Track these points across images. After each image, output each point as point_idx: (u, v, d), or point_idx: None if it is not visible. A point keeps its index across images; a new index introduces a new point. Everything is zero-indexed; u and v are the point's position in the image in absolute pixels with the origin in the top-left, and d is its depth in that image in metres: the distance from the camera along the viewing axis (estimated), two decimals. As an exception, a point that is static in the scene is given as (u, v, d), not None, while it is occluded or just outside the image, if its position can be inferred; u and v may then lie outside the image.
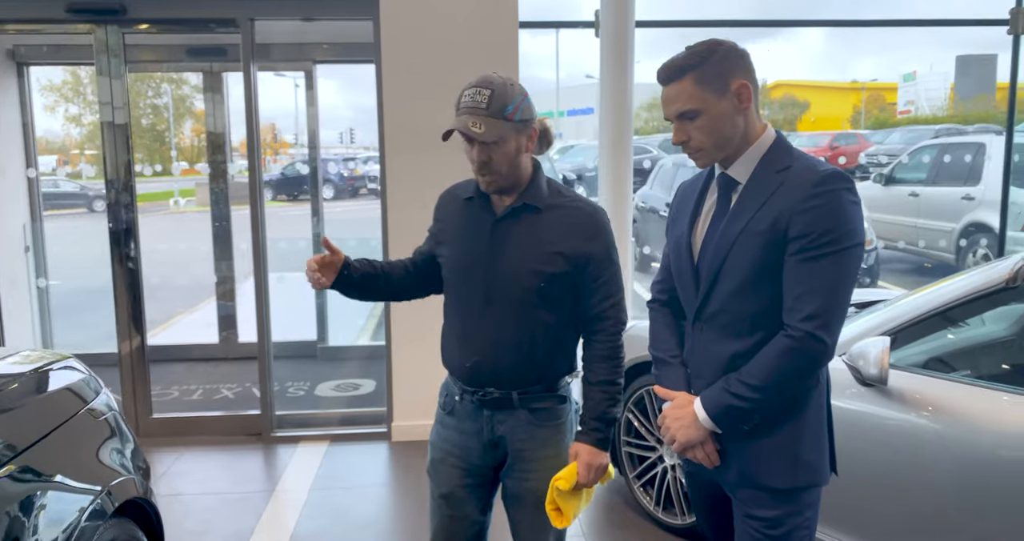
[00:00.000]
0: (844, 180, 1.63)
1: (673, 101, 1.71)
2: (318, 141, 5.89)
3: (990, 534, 2.19)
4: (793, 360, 1.64)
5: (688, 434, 1.75)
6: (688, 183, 1.94)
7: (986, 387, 2.34)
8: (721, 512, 1.91)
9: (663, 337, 1.95)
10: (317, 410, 4.73)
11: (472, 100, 1.82)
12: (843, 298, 1.63)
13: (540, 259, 1.88)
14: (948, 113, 30.48)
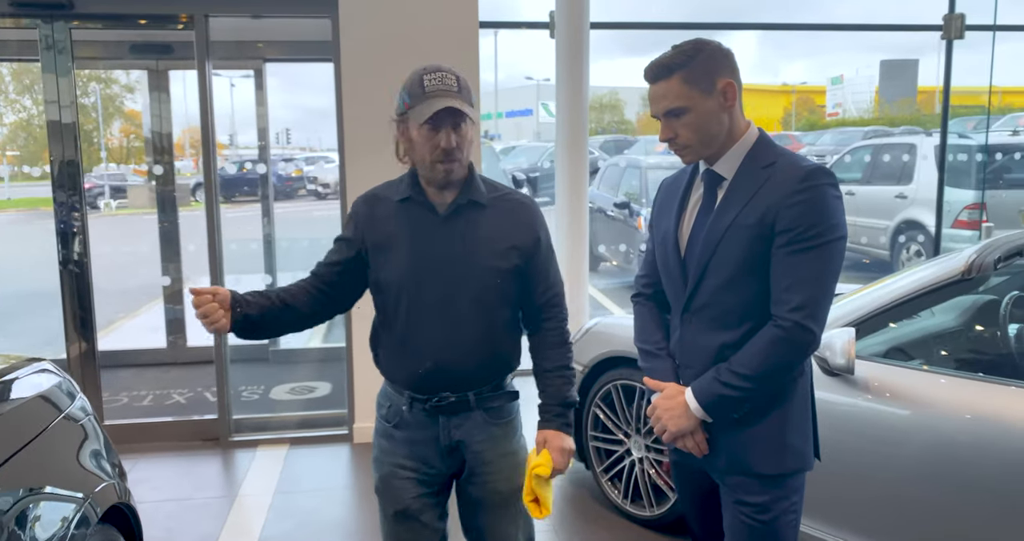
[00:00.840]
0: (828, 176, 1.69)
1: (661, 99, 1.75)
2: (268, 141, 5.80)
3: (956, 516, 2.29)
4: (782, 350, 1.69)
5: (679, 423, 1.79)
6: (671, 180, 1.98)
7: (944, 374, 2.45)
8: (707, 500, 1.96)
9: (649, 330, 1.98)
10: (274, 414, 4.66)
11: (443, 83, 1.77)
12: (828, 289, 1.69)
13: (497, 255, 1.86)
14: (874, 115, 31.57)
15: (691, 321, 1.83)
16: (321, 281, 1.90)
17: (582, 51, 4.63)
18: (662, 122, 1.78)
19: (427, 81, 1.78)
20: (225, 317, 1.75)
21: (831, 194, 1.68)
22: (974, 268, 2.47)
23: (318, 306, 1.91)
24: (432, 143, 1.79)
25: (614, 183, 8.85)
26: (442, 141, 1.78)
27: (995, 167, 8.05)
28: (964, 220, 7.52)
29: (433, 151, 1.79)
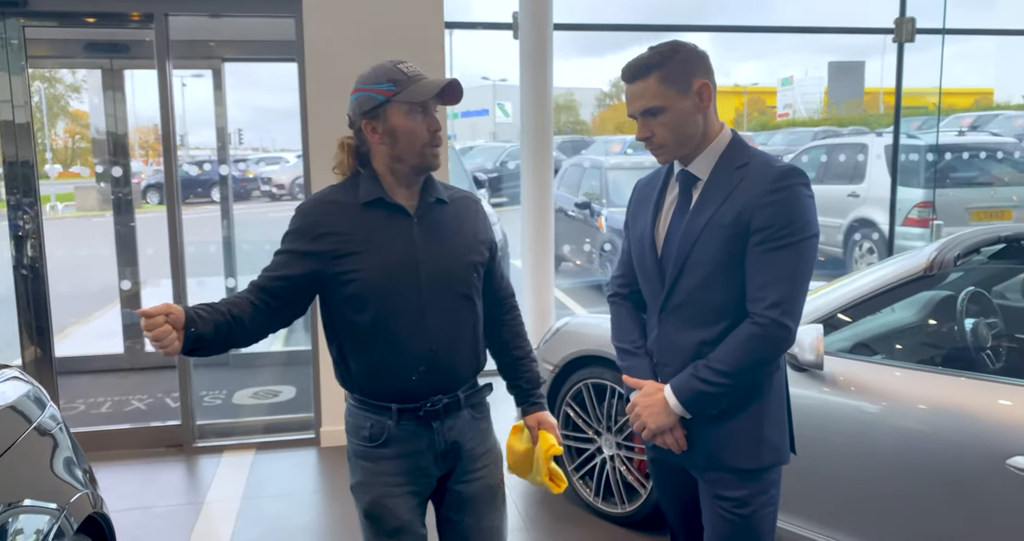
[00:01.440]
0: (800, 176, 1.74)
1: (638, 98, 1.78)
2: (228, 142, 5.71)
3: (920, 505, 2.36)
4: (758, 346, 1.72)
5: (659, 420, 1.82)
6: (645, 181, 2.01)
7: (906, 367, 2.53)
8: (686, 496, 1.99)
9: (627, 329, 2.01)
10: (239, 419, 4.59)
11: (419, 71, 1.79)
12: (803, 286, 1.73)
13: (471, 249, 1.87)
14: (823, 116, 32.25)
15: (668, 319, 1.86)
16: (267, 295, 1.74)
17: (546, 52, 4.66)
18: (639, 121, 1.81)
19: (405, 68, 1.78)
20: (178, 339, 1.57)
21: (804, 193, 1.72)
22: (936, 265, 2.55)
23: (263, 321, 1.74)
24: (424, 126, 1.77)
25: (574, 183, 8.90)
26: (432, 123, 1.78)
27: (941, 166, 8.30)
28: (914, 218, 7.74)
29: (424, 135, 1.77)
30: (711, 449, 1.83)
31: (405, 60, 1.80)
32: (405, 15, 4.02)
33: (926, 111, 18.04)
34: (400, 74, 1.77)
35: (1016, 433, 2.16)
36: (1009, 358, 2.93)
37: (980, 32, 7.61)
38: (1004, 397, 2.27)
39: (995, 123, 18.54)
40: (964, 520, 2.26)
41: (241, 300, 1.72)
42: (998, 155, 8.64)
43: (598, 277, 8.25)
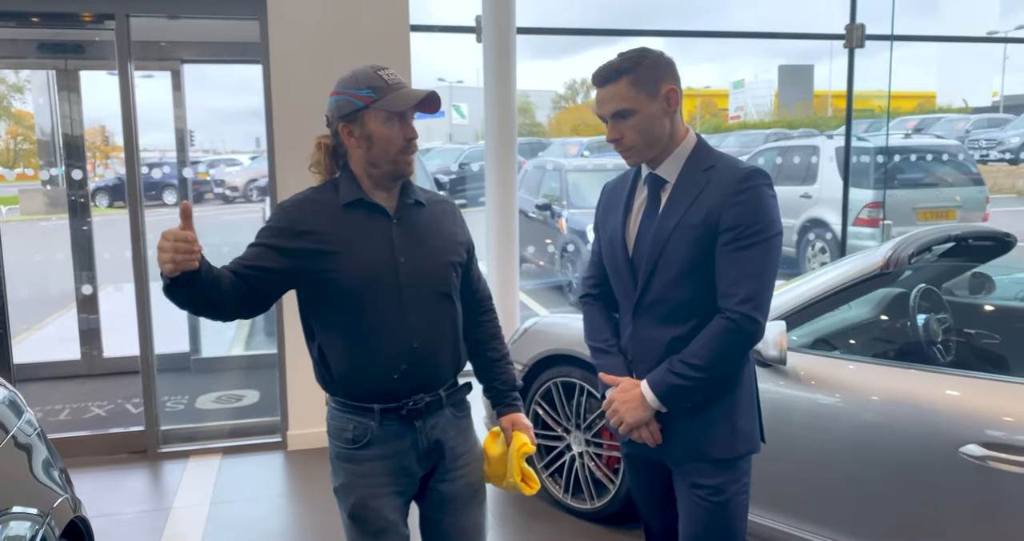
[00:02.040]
0: (764, 177, 1.82)
1: (609, 101, 1.85)
2: (187, 144, 5.64)
3: (877, 494, 2.46)
4: (730, 340, 1.80)
5: (636, 414, 1.88)
6: (614, 184, 2.07)
7: (863, 361, 2.63)
8: (660, 489, 2.05)
9: (599, 328, 2.07)
10: (203, 423, 4.54)
11: (398, 78, 1.82)
12: (770, 282, 1.82)
13: (450, 250, 1.91)
14: (774, 118, 32.89)
15: (642, 318, 1.93)
16: (241, 280, 1.74)
17: (509, 55, 4.71)
18: (609, 124, 1.87)
19: (386, 75, 1.81)
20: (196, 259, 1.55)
21: (767, 194, 1.81)
22: (891, 263, 2.66)
23: (235, 298, 1.73)
24: (401, 133, 1.80)
25: (534, 185, 8.97)
26: (409, 131, 1.82)
27: (889, 168, 8.56)
28: (865, 218, 7.97)
29: (399, 142, 1.80)
30: (687, 441, 1.90)
31: (386, 67, 1.84)
32: (370, 18, 4.03)
33: (872, 114, 18.53)
34: (381, 81, 1.80)
35: (967, 422, 2.26)
36: (959, 351, 3.07)
37: (927, 38, 7.88)
38: (954, 388, 2.38)
39: (938, 126, 19.15)
40: (920, 507, 2.36)
41: (223, 272, 1.71)
42: (943, 157, 8.94)
43: (559, 278, 8.33)
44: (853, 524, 2.52)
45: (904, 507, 2.40)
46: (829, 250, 8.33)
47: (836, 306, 2.84)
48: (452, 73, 43.63)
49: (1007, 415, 2.22)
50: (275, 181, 4.07)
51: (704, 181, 1.83)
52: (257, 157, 20.22)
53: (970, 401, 2.31)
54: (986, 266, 3.41)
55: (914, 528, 2.38)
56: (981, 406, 2.27)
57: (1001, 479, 2.18)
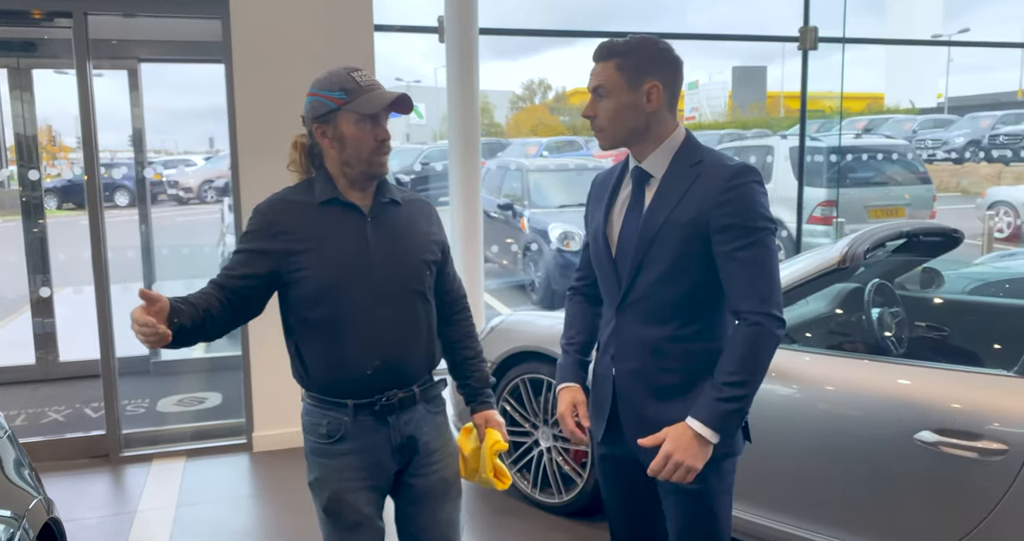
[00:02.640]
0: (753, 173, 1.79)
1: (595, 76, 1.85)
2: (145, 145, 5.56)
3: (836, 481, 2.55)
4: (763, 343, 1.74)
5: (702, 458, 1.76)
6: (602, 176, 2.05)
7: (820, 354, 2.73)
8: (634, 488, 2.02)
9: (570, 324, 2.09)
10: (166, 426, 4.49)
11: (374, 80, 1.84)
12: (778, 278, 1.79)
13: (424, 249, 1.94)
14: (728, 119, 33.41)
15: (626, 315, 1.89)
16: (229, 292, 1.79)
17: (472, 55, 4.74)
18: (590, 98, 1.87)
19: (359, 77, 1.83)
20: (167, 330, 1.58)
21: (758, 190, 1.77)
22: (848, 258, 2.76)
23: (228, 317, 1.80)
24: (373, 135, 1.82)
25: (495, 185, 9.01)
26: (381, 133, 1.83)
27: (841, 167, 8.79)
28: (818, 216, 8.17)
29: (371, 144, 1.82)
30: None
31: (360, 68, 1.86)
32: (334, 18, 4.04)
33: (823, 114, 18.93)
34: (352, 83, 1.82)
35: (920, 410, 2.36)
36: (911, 343, 3.19)
37: (878, 41, 8.10)
38: (907, 378, 2.48)
39: (887, 126, 19.67)
40: (878, 492, 2.46)
41: (208, 295, 1.77)
42: (892, 156, 9.21)
43: (522, 277, 8.38)
44: (812, 511, 2.61)
45: (862, 493, 2.49)
46: (784, 248, 8.52)
47: (796, 300, 2.93)
48: (409, 73, 43.37)
49: (956, 402, 2.32)
50: (238, 181, 4.04)
51: (693, 176, 1.81)
52: (211, 157, 19.94)
53: (922, 390, 2.41)
54: (935, 261, 3.54)
55: (871, 513, 2.48)
56: (933, 394, 2.37)
57: (952, 463, 2.28)
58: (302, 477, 2.06)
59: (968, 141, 17.58)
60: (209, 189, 17.95)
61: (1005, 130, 16.64)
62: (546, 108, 37.94)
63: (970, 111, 21.23)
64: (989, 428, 2.24)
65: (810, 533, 2.62)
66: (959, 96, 28.68)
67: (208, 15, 4.01)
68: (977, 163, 17.08)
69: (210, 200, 17.72)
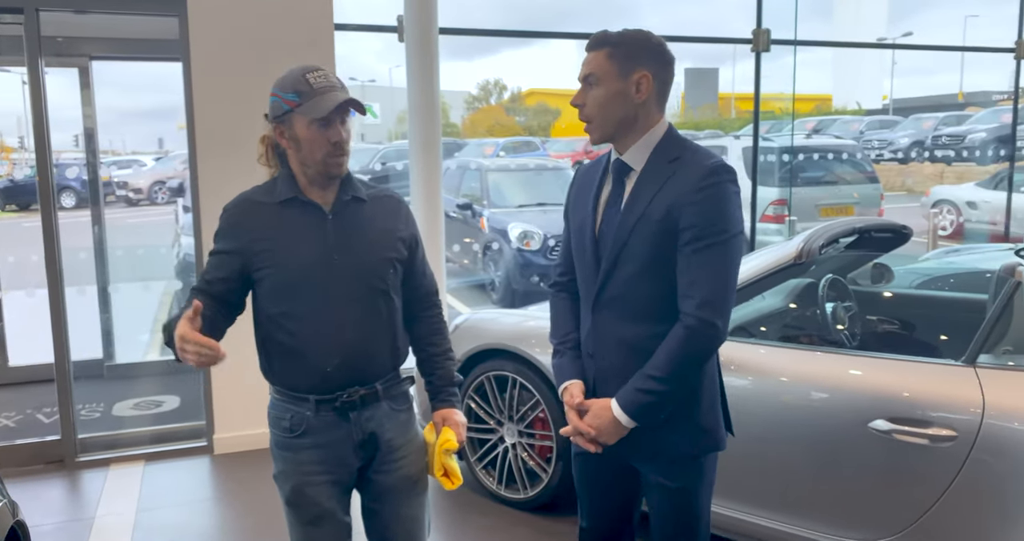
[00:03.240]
0: (728, 172, 1.78)
1: (586, 65, 1.86)
2: (97, 145, 5.45)
3: (791, 469, 2.63)
4: (690, 346, 1.76)
5: (615, 437, 1.85)
6: (586, 169, 2.04)
7: (777, 346, 2.81)
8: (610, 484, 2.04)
9: (560, 323, 2.06)
10: (123, 430, 4.41)
11: (328, 81, 1.81)
12: (730, 283, 1.78)
13: (388, 247, 1.93)
14: (681, 120, 33.83)
15: (602, 311, 1.89)
16: (208, 297, 1.84)
17: (432, 55, 4.74)
18: (581, 86, 1.87)
19: (312, 79, 1.81)
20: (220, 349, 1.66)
21: (731, 191, 1.77)
22: (804, 254, 2.84)
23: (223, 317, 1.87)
24: (325, 138, 1.81)
25: (454, 185, 9.02)
26: (333, 135, 1.81)
27: (792, 167, 8.99)
28: (770, 215, 8.35)
29: (325, 146, 1.82)
30: (652, 440, 1.87)
31: (318, 68, 1.84)
32: (294, 16, 4.01)
33: (773, 115, 19.30)
34: (305, 85, 1.81)
35: (874, 400, 2.45)
36: (863, 336, 3.30)
37: (827, 44, 8.29)
38: (859, 368, 2.57)
39: (835, 127, 20.15)
40: (834, 479, 2.54)
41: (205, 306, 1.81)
42: (842, 156, 9.46)
43: (482, 277, 8.40)
44: (770, 499, 2.68)
45: (819, 481, 2.58)
46: (738, 246, 8.69)
47: (755, 295, 3.01)
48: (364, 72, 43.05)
49: (907, 391, 2.41)
50: (197, 181, 4.00)
51: (669, 172, 1.80)
52: (161, 158, 19.56)
53: (875, 380, 2.50)
54: (885, 257, 3.67)
55: (828, 500, 2.56)
56: (885, 385, 2.47)
57: (905, 450, 2.38)
58: (265, 479, 2.07)
59: (912, 142, 18.11)
60: (160, 190, 17.61)
61: (947, 131, 17.18)
62: (502, 108, 37.99)
63: (914, 112, 21.87)
64: (938, 416, 2.33)
65: (768, 521, 2.69)
66: (903, 98, 29.50)
67: (165, 12, 3.95)
68: (921, 163, 17.61)
69: (161, 201, 17.39)
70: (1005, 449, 2.22)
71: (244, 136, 3.95)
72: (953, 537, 2.33)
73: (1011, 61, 7.02)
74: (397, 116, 26.98)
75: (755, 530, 2.74)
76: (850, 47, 26.45)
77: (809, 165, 9.20)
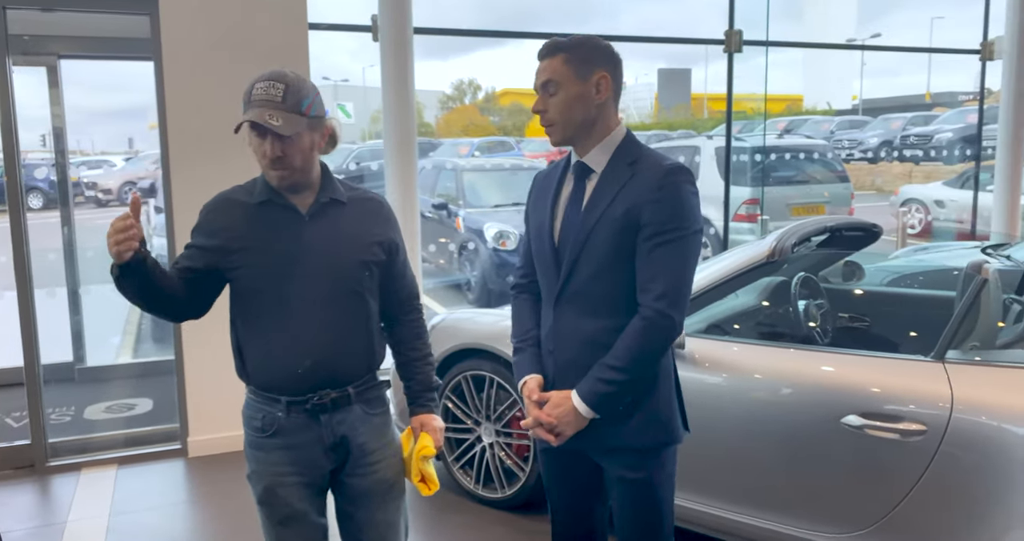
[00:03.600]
0: (686, 173, 1.86)
1: (543, 73, 1.90)
2: (66, 145, 5.37)
3: (763, 464, 2.66)
4: (648, 337, 1.83)
5: (574, 428, 1.90)
6: (545, 173, 2.11)
7: (751, 344, 2.84)
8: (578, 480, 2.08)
9: (521, 322, 2.10)
10: (95, 434, 4.35)
11: (266, 93, 1.78)
12: (688, 279, 1.86)
13: (363, 249, 1.92)
14: (654, 120, 34.05)
15: (564, 309, 1.94)
16: (181, 283, 1.87)
17: (407, 55, 4.74)
18: (539, 95, 1.92)
19: (256, 89, 1.79)
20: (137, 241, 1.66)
21: (688, 190, 1.84)
22: (776, 252, 2.88)
23: (180, 293, 1.86)
24: (260, 151, 1.81)
25: (429, 185, 9.01)
26: (267, 150, 1.79)
27: (764, 166, 9.09)
28: (743, 214, 8.43)
29: (263, 157, 1.82)
30: (610, 433, 1.92)
31: (271, 78, 1.79)
32: (268, 15, 3.99)
33: (745, 116, 19.48)
34: (247, 95, 1.80)
35: (847, 395, 2.49)
36: (835, 333, 3.34)
37: (798, 45, 8.40)
38: (831, 365, 2.61)
39: (806, 127, 20.39)
40: (809, 475, 2.57)
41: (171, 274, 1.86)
42: (813, 156, 9.58)
43: (458, 277, 8.40)
44: (745, 495, 2.71)
45: (793, 476, 2.61)
46: (711, 245, 8.76)
47: (728, 293, 3.04)
48: (337, 72, 42.79)
49: (878, 387, 2.45)
50: (169, 182, 3.96)
51: (628, 175, 1.87)
52: (132, 158, 19.30)
53: (847, 376, 2.54)
54: (856, 255, 3.72)
55: (803, 495, 2.59)
56: (857, 380, 2.51)
57: (877, 445, 2.42)
58: (240, 481, 2.06)
59: (881, 141, 18.39)
60: (131, 191, 17.38)
61: (915, 131, 17.47)
62: (476, 108, 37.98)
63: (882, 113, 22.20)
64: (909, 411, 2.38)
65: (742, 517, 2.73)
66: (872, 98, 29.94)
67: (136, 11, 3.91)
68: (890, 162, 17.88)
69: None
70: (973, 443, 2.27)
71: (217, 136, 3.94)
72: (923, 530, 2.38)
73: (976, 62, 7.16)
74: (371, 116, 26.85)
75: (730, 526, 2.77)
76: (820, 48, 26.78)
77: (781, 165, 9.31)
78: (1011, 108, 6.83)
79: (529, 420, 1.96)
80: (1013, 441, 2.21)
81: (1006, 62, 6.82)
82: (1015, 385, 2.30)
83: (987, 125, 7.94)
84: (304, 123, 1.80)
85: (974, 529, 2.27)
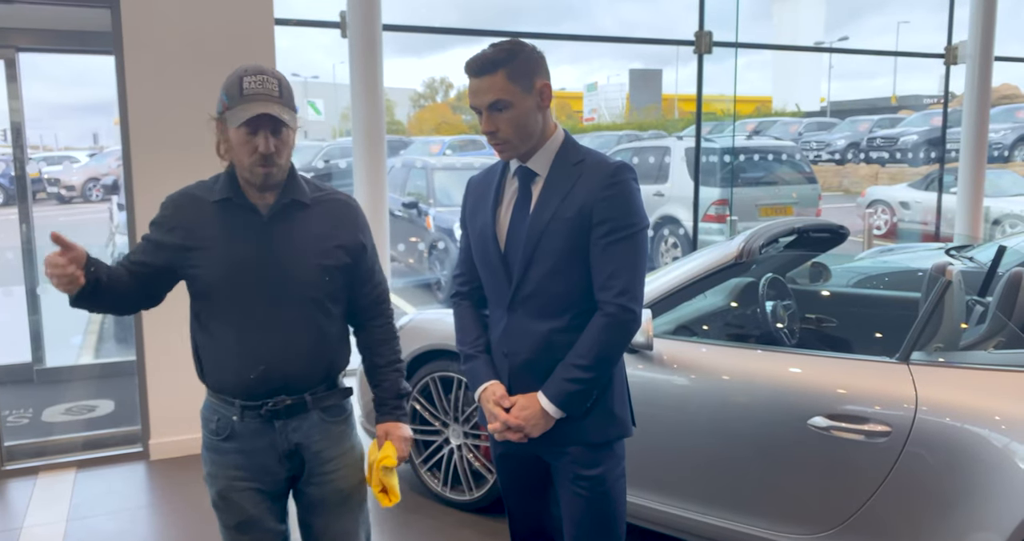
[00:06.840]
0: (631, 171, 1.89)
1: (486, 92, 1.84)
2: (25, 140, 5.24)
3: (730, 464, 2.66)
4: (611, 333, 1.84)
5: (542, 429, 1.90)
6: (480, 177, 2.09)
7: (719, 345, 2.84)
8: (533, 484, 2.10)
9: (468, 329, 2.07)
10: (53, 436, 4.25)
11: (263, 87, 1.74)
12: (642, 274, 1.88)
13: (323, 253, 1.86)
14: (625, 120, 34.16)
15: (517, 311, 1.93)
16: (129, 275, 1.83)
17: (376, 52, 4.69)
18: (485, 115, 1.87)
19: (247, 83, 1.75)
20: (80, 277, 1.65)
21: (635, 188, 1.88)
22: (744, 253, 2.88)
23: (133, 290, 1.84)
24: (250, 147, 1.76)
25: (400, 183, 8.95)
26: (260, 145, 1.75)
27: (732, 167, 9.15)
28: (712, 214, 8.48)
29: (251, 155, 1.77)
30: (565, 430, 1.92)
31: (260, 72, 1.77)
32: (233, 9, 3.91)
33: (715, 117, 19.66)
34: (236, 90, 1.76)
35: (813, 397, 2.50)
36: (802, 334, 3.36)
37: (768, 47, 8.46)
38: (799, 366, 2.61)
39: (775, 128, 20.59)
40: (776, 476, 2.58)
41: (119, 267, 1.83)
42: (781, 157, 9.66)
43: (427, 276, 8.35)
44: (712, 496, 2.71)
45: (760, 478, 2.61)
46: (681, 245, 8.80)
47: (696, 294, 3.04)
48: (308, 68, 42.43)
49: (844, 388, 2.46)
50: (131, 178, 3.87)
51: (576, 175, 1.87)
52: (96, 154, 18.94)
53: (814, 378, 2.55)
54: (823, 256, 3.75)
55: (770, 496, 2.60)
56: (824, 382, 2.51)
57: (843, 446, 2.43)
58: (201, 484, 2.04)
59: (848, 143, 18.63)
60: (94, 187, 17.07)
61: (881, 133, 17.71)
62: (448, 107, 37.88)
63: (850, 115, 22.50)
64: (874, 412, 2.39)
65: (712, 518, 2.72)
66: (840, 100, 30.35)
67: (96, 3, 3.82)
68: (857, 164, 18.12)
69: (95, 199, 16.85)
70: (937, 443, 2.29)
71: (180, 132, 3.87)
72: (888, 530, 2.39)
73: (941, 66, 7.27)
74: (341, 113, 26.64)
75: (696, 527, 2.77)
76: (789, 50, 27.10)
77: (750, 166, 9.38)
78: (974, 112, 6.94)
79: (497, 424, 1.93)
80: (976, 442, 2.22)
81: (969, 66, 6.93)
82: (978, 386, 2.32)
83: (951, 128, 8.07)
84: (295, 119, 1.81)
85: (938, 529, 2.29)
